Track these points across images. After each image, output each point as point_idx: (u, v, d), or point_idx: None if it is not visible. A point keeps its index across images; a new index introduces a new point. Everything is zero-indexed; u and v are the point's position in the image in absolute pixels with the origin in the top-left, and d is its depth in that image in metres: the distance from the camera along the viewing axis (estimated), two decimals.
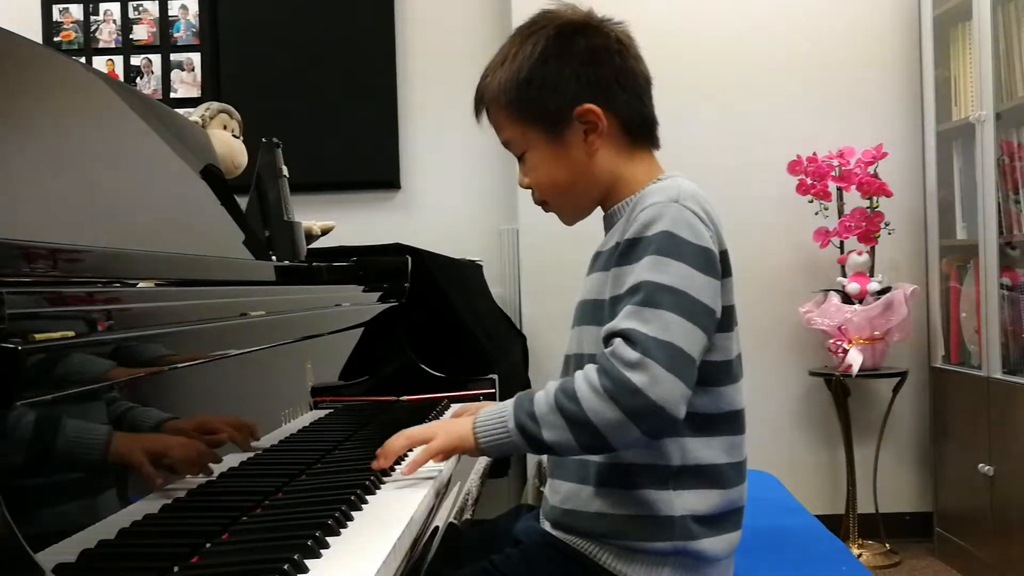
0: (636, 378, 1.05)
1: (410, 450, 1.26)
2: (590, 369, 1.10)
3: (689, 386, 1.08)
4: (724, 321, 1.16)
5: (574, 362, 1.26)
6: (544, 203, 1.30)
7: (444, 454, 1.21)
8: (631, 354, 1.06)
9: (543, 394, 1.13)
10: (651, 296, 1.09)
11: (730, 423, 1.19)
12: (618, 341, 1.08)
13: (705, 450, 1.17)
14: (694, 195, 1.17)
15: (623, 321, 1.09)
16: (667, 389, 1.06)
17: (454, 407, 1.91)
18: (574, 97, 1.21)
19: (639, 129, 1.26)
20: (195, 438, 1.10)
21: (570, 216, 1.31)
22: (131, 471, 0.94)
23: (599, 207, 1.29)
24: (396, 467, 1.28)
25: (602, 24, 1.25)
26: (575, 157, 1.23)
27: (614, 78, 1.23)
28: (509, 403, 1.16)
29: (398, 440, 1.24)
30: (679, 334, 1.08)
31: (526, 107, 1.23)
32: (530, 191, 1.29)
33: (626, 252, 1.15)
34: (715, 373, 1.16)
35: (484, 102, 1.28)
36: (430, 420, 1.72)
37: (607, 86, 1.22)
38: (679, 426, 1.11)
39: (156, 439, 1.00)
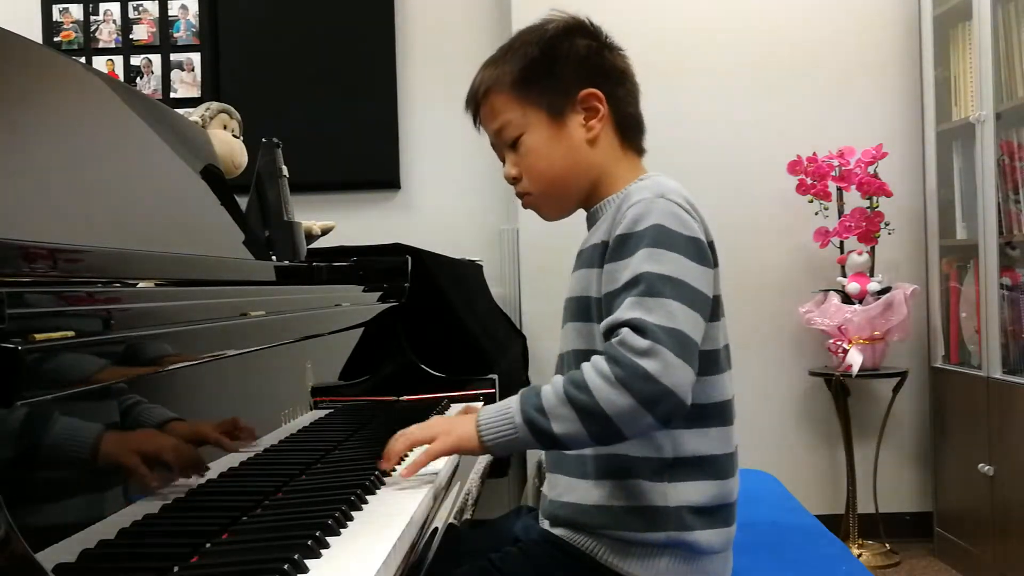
0: (648, 365, 1.06)
1: (410, 450, 1.26)
2: (599, 360, 1.10)
3: (695, 371, 1.09)
4: (711, 311, 1.17)
5: (563, 360, 1.27)
6: (526, 195, 1.29)
7: (446, 455, 1.21)
8: (641, 342, 1.07)
9: (550, 387, 1.12)
10: (652, 286, 1.10)
11: (719, 413, 1.20)
12: (625, 330, 1.08)
13: (697, 440, 1.18)
14: (677, 190, 1.20)
15: (627, 311, 1.10)
16: (678, 375, 1.07)
17: (455, 407, 1.91)
18: (580, 79, 1.25)
19: (631, 128, 1.29)
20: (194, 440, 1.10)
21: (554, 210, 1.31)
22: (131, 471, 0.94)
23: (581, 207, 1.30)
24: (397, 467, 1.28)
25: (597, 28, 1.30)
26: (574, 141, 1.25)
27: (613, 73, 1.28)
28: (514, 399, 1.15)
29: (397, 442, 1.23)
30: (683, 321, 1.09)
31: (533, 83, 1.25)
32: (513, 185, 1.29)
33: (617, 248, 1.16)
34: (702, 363, 1.16)
35: (482, 88, 1.29)
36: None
37: (608, 78, 1.27)
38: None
39: (156, 439, 1.00)
